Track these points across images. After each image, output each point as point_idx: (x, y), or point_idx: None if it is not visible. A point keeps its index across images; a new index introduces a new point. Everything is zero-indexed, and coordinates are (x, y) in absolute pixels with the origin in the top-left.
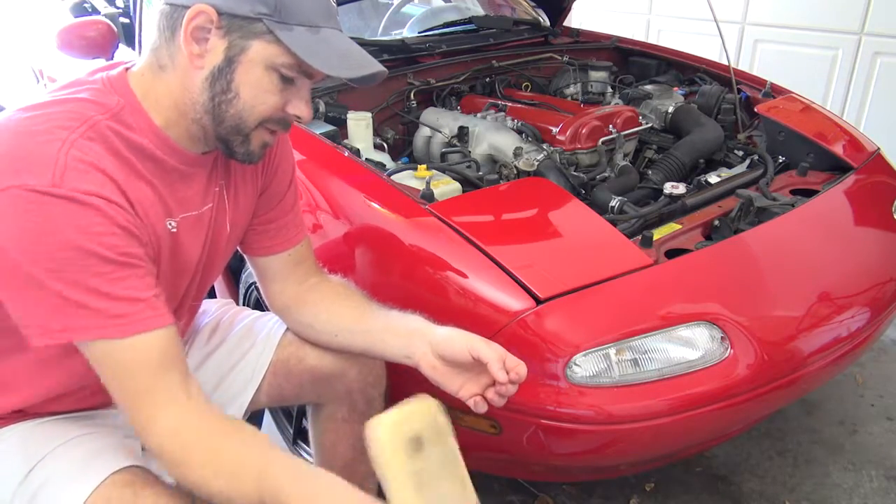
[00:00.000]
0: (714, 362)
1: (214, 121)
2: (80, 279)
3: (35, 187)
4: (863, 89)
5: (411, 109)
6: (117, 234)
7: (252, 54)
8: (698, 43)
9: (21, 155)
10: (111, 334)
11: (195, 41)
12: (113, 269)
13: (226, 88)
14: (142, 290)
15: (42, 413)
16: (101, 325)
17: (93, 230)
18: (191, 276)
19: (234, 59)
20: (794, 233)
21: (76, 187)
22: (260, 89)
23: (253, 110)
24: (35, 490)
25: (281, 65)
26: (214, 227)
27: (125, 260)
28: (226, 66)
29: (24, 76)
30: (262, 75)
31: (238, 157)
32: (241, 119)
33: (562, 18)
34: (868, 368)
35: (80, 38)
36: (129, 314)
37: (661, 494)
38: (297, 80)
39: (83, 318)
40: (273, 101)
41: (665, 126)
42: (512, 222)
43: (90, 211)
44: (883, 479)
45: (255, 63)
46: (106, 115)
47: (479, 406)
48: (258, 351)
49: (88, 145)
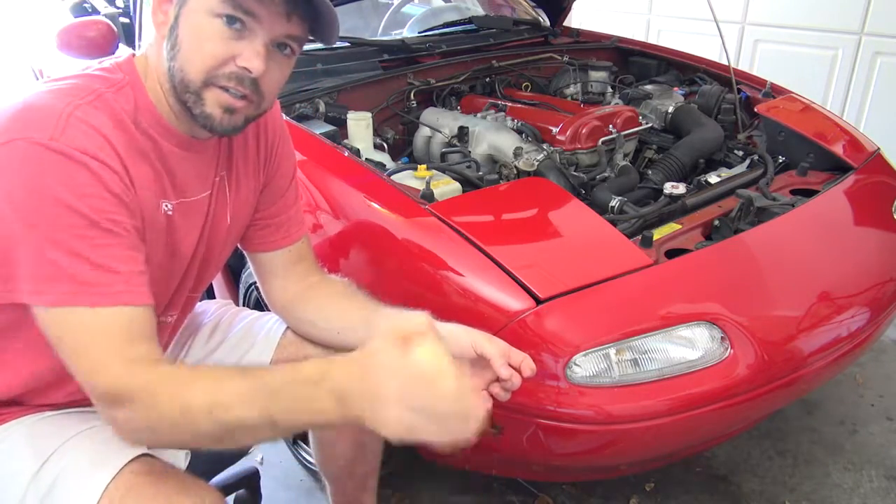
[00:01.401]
0: (714, 362)
1: (171, 83)
2: (61, 238)
3: (35, 140)
4: (863, 89)
5: (411, 109)
6: (106, 199)
7: (192, 3)
8: (698, 43)
9: (28, 113)
10: (74, 301)
11: (161, 12)
12: (96, 234)
13: (174, 44)
14: (121, 261)
15: (42, 405)
16: (69, 290)
17: (82, 190)
18: (187, 264)
19: (179, 14)
20: (794, 233)
21: (73, 144)
22: (201, 38)
23: (196, 61)
24: (50, 483)
25: (218, 8)
26: (213, 217)
27: (109, 227)
28: (175, 23)
29: (24, 76)
30: (202, 22)
31: (199, 121)
32: (185, 72)
33: (562, 18)
34: (868, 368)
35: (80, 38)
36: (100, 284)
37: (661, 494)
38: (246, 29)
39: (53, 281)
40: (215, 50)
41: (665, 126)
42: (512, 222)
43: (83, 170)
44: (883, 479)
45: (194, 11)
46: (112, 88)
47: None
48: (258, 351)
49: (95, 112)
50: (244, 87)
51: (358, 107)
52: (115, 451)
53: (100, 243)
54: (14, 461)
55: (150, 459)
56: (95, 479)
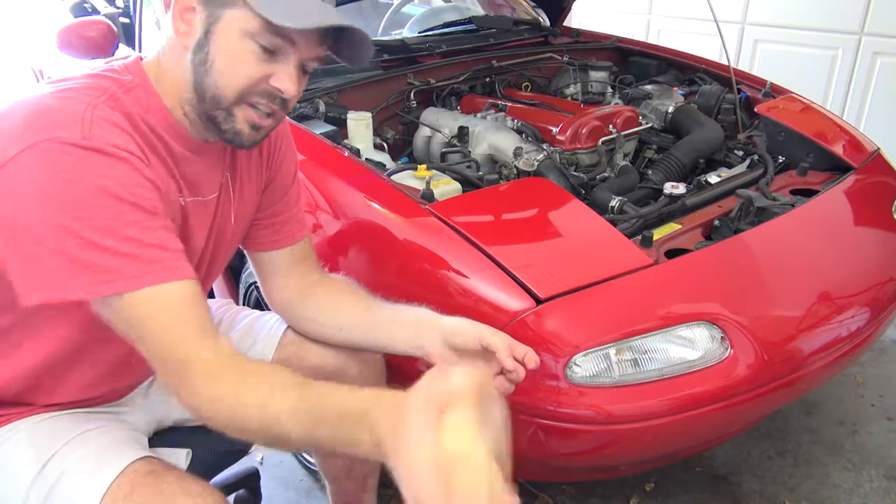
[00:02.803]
0: (714, 362)
1: (198, 96)
2: (113, 226)
3: (67, 140)
4: (863, 89)
5: (411, 109)
6: (147, 187)
7: (226, 22)
8: (698, 43)
9: (46, 115)
10: (145, 283)
11: (183, 21)
12: (144, 216)
13: (204, 59)
14: (172, 241)
15: (45, 406)
16: (137, 272)
17: (126, 180)
18: (195, 265)
19: (210, 29)
20: (794, 233)
21: (106, 140)
22: (236, 58)
23: (230, 80)
24: (53, 483)
25: (254, 31)
26: (220, 219)
27: (155, 211)
28: (204, 38)
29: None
30: (237, 43)
31: (227, 136)
32: (219, 89)
33: (562, 18)
34: (868, 368)
35: (80, 38)
36: (162, 260)
37: (661, 494)
38: (279, 52)
39: (115, 268)
40: (250, 71)
41: (665, 126)
42: (512, 222)
43: (121, 163)
44: (883, 479)
45: (229, 31)
46: (122, 89)
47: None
48: (259, 350)
49: (111, 112)
50: (274, 104)
51: (358, 107)
52: (117, 451)
53: (150, 225)
54: (17, 462)
55: (152, 460)
56: (97, 480)
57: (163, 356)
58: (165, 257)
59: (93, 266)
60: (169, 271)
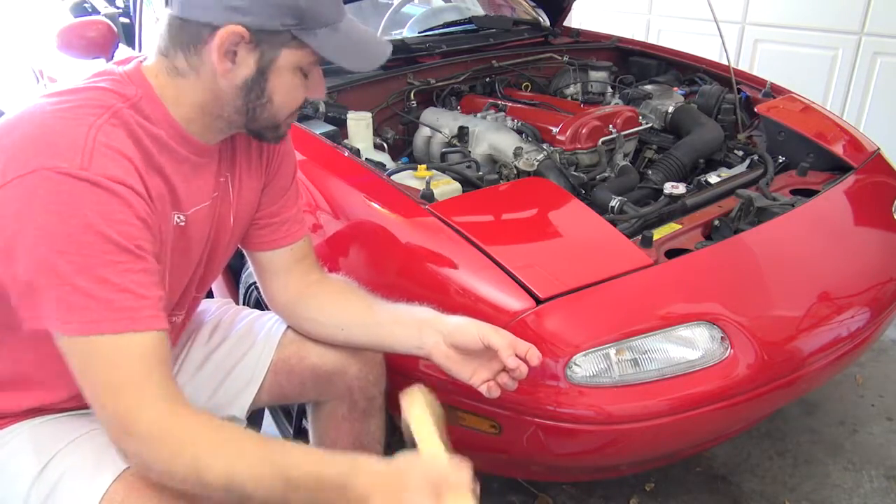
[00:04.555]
0: (714, 362)
1: (247, 119)
2: (93, 265)
3: (63, 170)
4: (863, 89)
5: (411, 109)
6: (136, 226)
7: (281, 62)
8: (698, 43)
9: (48, 138)
10: (102, 329)
11: (229, 60)
12: (127, 258)
13: (260, 95)
14: (147, 287)
15: (57, 409)
16: (98, 318)
17: (115, 217)
18: (194, 268)
19: (265, 69)
20: (794, 233)
21: (103, 172)
22: (291, 91)
23: (285, 108)
24: (53, 484)
25: (306, 64)
26: (219, 219)
27: (139, 252)
28: (258, 76)
29: (25, 76)
30: (291, 79)
31: (268, 141)
32: (277, 117)
33: (562, 18)
34: (868, 368)
35: (80, 38)
36: (131, 308)
37: (661, 494)
38: (313, 69)
39: (82, 309)
40: (300, 96)
41: (665, 126)
42: (512, 222)
43: (114, 199)
44: (883, 479)
45: (284, 69)
46: (126, 103)
47: (493, 391)
48: (259, 350)
49: (114, 131)
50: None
51: (358, 107)
52: (116, 454)
53: (130, 268)
54: (17, 463)
55: None
56: (97, 482)
57: (102, 403)
58: (138, 305)
59: (57, 300)
60: (134, 322)
